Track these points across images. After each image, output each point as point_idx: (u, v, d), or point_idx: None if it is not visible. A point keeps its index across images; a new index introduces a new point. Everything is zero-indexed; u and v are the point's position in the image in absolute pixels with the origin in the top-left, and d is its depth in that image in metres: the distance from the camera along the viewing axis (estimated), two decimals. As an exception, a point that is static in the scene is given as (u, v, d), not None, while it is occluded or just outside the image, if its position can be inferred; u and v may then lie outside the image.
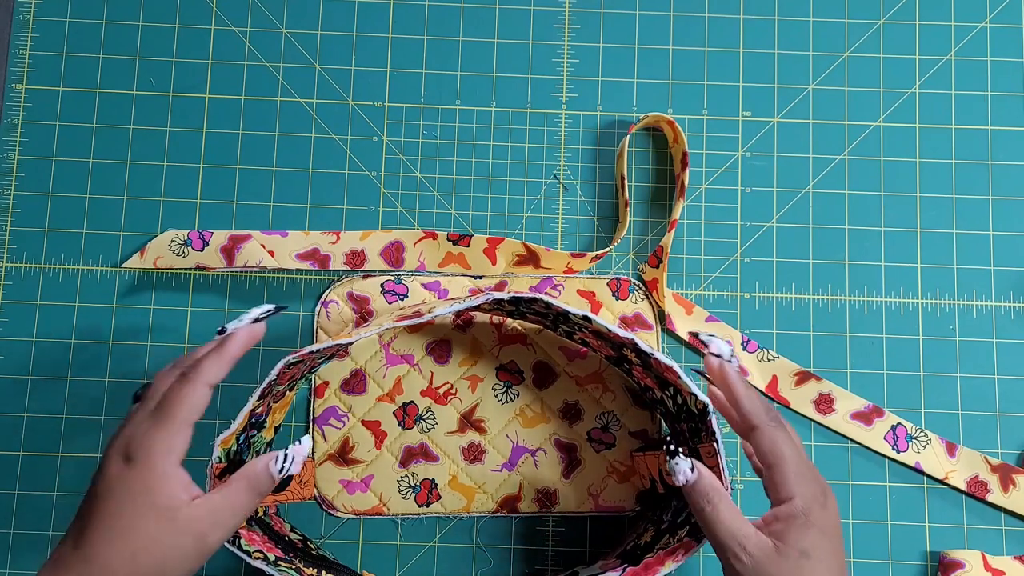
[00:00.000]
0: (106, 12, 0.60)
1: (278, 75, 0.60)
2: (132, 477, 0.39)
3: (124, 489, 0.38)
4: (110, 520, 0.38)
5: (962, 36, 0.61)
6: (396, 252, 0.57)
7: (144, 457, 0.39)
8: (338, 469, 0.55)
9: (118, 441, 0.40)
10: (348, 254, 0.57)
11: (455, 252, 0.57)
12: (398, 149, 0.59)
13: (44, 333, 0.56)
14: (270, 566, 0.44)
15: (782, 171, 0.59)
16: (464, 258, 0.57)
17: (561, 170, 0.59)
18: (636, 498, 0.55)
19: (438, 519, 0.55)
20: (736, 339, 0.57)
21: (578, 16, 0.61)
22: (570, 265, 0.57)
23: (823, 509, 0.41)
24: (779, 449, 0.42)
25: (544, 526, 0.56)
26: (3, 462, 0.55)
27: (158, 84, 0.59)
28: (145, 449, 0.39)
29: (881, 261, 0.59)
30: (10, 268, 0.57)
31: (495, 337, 0.57)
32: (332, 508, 0.55)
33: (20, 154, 0.58)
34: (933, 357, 0.58)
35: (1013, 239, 0.59)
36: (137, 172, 0.58)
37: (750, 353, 0.57)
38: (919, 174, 0.59)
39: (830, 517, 0.41)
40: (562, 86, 0.60)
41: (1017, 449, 0.57)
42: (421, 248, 0.57)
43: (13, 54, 0.59)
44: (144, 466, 0.39)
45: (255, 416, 0.47)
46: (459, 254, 0.57)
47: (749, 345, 0.57)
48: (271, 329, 0.57)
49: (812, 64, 0.60)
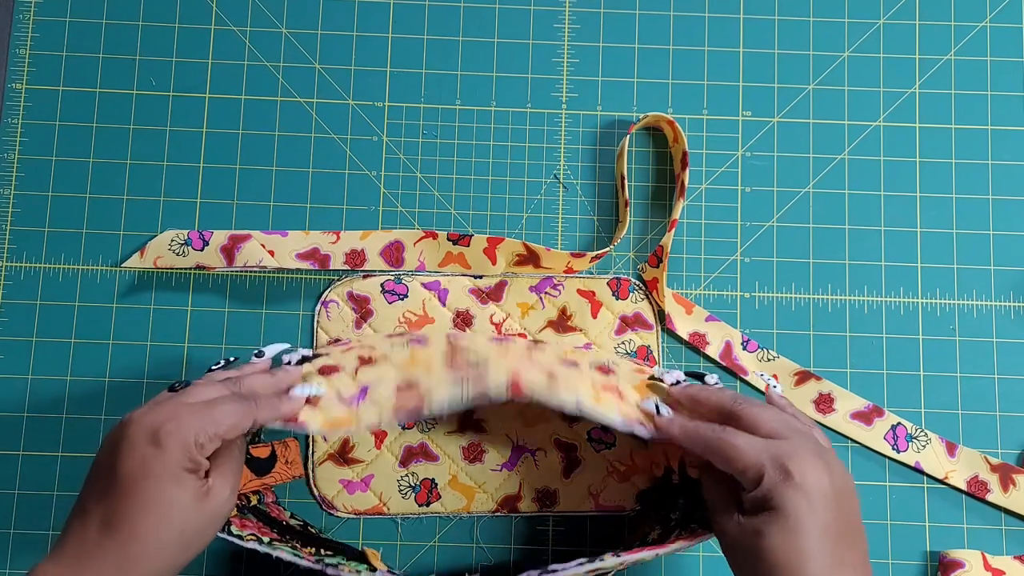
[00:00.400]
0: (106, 12, 0.60)
1: (278, 75, 0.60)
2: (163, 463, 0.38)
3: (163, 472, 0.38)
4: (152, 505, 0.38)
5: (962, 36, 0.61)
6: (396, 252, 0.57)
7: (176, 446, 0.39)
8: (338, 469, 0.55)
9: (144, 420, 0.39)
10: (348, 254, 0.57)
11: (455, 252, 0.57)
12: (398, 149, 0.59)
13: (44, 333, 0.56)
14: (264, 546, 0.44)
15: (782, 171, 0.59)
16: (464, 258, 0.57)
17: (561, 170, 0.59)
18: (636, 497, 0.55)
19: (438, 519, 0.55)
20: (736, 339, 0.57)
21: (578, 16, 0.61)
22: (570, 265, 0.57)
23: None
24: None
25: (544, 526, 0.56)
26: (3, 462, 0.55)
27: (158, 84, 0.59)
28: (178, 439, 0.39)
29: (881, 261, 0.59)
30: (10, 268, 0.57)
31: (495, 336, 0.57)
32: (332, 508, 0.55)
33: (20, 154, 0.58)
34: (933, 357, 0.58)
35: (1013, 239, 0.59)
36: (137, 172, 0.58)
37: (750, 353, 0.57)
38: (919, 174, 0.59)
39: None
40: (562, 86, 0.60)
41: (1017, 449, 0.57)
42: (421, 248, 0.57)
43: (13, 54, 0.59)
44: (176, 454, 0.39)
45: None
46: (459, 254, 0.57)
47: (749, 345, 0.57)
48: (271, 330, 0.57)
49: (812, 64, 0.60)
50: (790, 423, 0.43)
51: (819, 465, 0.40)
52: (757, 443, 0.41)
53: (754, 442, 0.41)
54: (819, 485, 0.39)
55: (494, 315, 0.57)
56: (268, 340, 0.57)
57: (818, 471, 0.39)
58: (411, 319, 0.57)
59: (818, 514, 0.39)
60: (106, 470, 0.39)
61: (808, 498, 0.39)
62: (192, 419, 0.39)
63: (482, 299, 0.57)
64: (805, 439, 0.42)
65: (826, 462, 0.40)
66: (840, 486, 0.40)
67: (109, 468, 0.39)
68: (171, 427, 0.39)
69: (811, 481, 0.39)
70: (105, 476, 0.39)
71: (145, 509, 0.38)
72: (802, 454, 0.40)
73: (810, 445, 0.41)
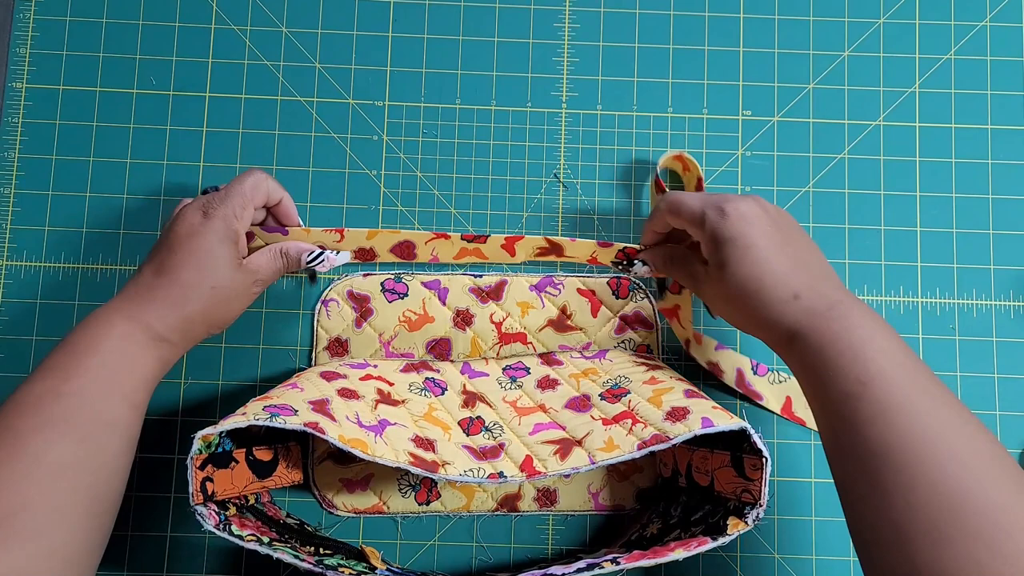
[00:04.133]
0: (106, 11, 0.60)
1: (278, 74, 0.60)
2: (212, 228, 0.48)
3: (206, 233, 0.48)
4: (194, 256, 0.47)
5: (962, 35, 0.61)
6: (407, 248, 0.57)
7: (223, 216, 0.48)
8: (338, 468, 0.55)
9: (194, 204, 0.49)
10: (356, 252, 0.56)
11: (470, 247, 0.57)
12: (398, 148, 0.59)
13: (44, 332, 0.56)
14: (264, 546, 0.44)
15: (782, 170, 0.59)
16: (481, 252, 0.57)
17: (561, 169, 0.59)
18: (635, 497, 0.55)
19: (438, 518, 0.55)
20: (746, 365, 0.56)
21: (578, 16, 0.61)
22: (595, 255, 0.56)
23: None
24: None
25: (544, 525, 0.56)
26: (3, 461, 0.55)
27: (158, 83, 0.59)
28: (223, 213, 0.48)
29: (881, 260, 0.59)
30: (10, 267, 0.57)
31: (495, 335, 0.57)
32: (332, 507, 0.55)
33: (20, 153, 0.58)
34: (933, 356, 0.58)
35: (1013, 238, 0.59)
36: (137, 172, 0.58)
37: (760, 376, 0.56)
38: (919, 173, 0.60)
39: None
40: (562, 85, 0.60)
41: (1017, 449, 0.57)
42: (433, 245, 0.57)
43: (13, 53, 0.59)
44: (222, 222, 0.48)
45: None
46: (475, 249, 0.57)
47: (759, 369, 0.56)
48: (271, 329, 0.57)
49: (812, 63, 0.60)
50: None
51: (748, 199, 0.47)
52: (695, 197, 0.49)
53: (693, 197, 0.49)
54: (753, 211, 0.46)
55: (494, 314, 0.57)
56: (268, 340, 0.57)
57: (748, 202, 0.47)
58: (411, 318, 0.57)
59: (760, 229, 0.46)
60: (164, 235, 0.49)
61: (747, 221, 0.46)
62: (232, 199, 0.49)
63: (482, 298, 0.57)
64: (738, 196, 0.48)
65: (755, 199, 0.47)
66: (772, 210, 0.47)
67: (166, 233, 0.49)
68: (216, 202, 0.48)
69: (744, 210, 0.46)
70: (163, 239, 0.49)
71: (188, 260, 0.47)
72: (731, 198, 0.47)
73: (734, 195, 0.48)
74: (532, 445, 0.49)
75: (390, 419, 0.49)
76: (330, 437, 0.43)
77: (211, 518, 0.44)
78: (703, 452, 0.49)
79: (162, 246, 0.48)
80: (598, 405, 0.50)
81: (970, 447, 0.37)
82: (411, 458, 0.46)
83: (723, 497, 0.48)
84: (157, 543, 0.54)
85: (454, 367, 0.56)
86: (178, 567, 0.54)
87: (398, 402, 0.51)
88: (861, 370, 0.40)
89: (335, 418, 0.46)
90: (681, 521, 0.49)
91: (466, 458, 0.48)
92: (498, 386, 0.54)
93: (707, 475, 0.49)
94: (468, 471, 0.46)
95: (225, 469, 0.47)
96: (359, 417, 0.47)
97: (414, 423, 0.50)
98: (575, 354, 0.56)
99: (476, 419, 0.52)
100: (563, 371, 0.54)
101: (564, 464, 0.47)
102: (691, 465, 0.51)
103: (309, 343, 0.57)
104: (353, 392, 0.50)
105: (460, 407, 0.53)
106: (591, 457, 0.46)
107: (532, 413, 0.51)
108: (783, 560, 0.55)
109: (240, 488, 0.48)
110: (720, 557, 0.55)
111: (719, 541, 0.44)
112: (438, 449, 0.48)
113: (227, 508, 0.48)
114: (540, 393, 0.53)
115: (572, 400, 0.52)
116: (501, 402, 0.53)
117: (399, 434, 0.48)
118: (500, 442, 0.50)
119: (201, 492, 0.45)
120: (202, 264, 0.47)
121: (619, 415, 0.48)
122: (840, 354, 0.41)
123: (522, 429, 0.50)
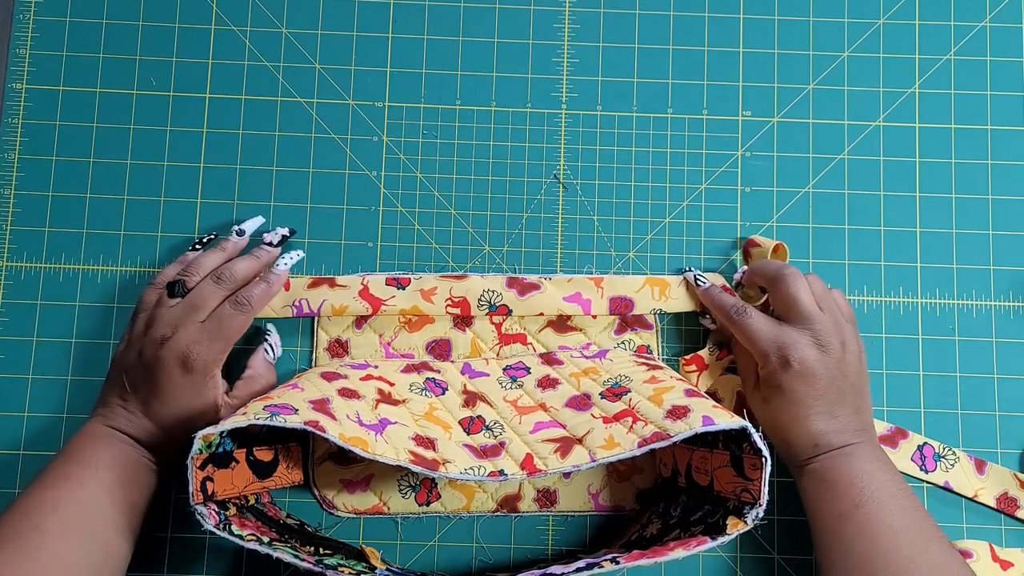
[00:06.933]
0: (106, 12, 0.60)
1: (278, 75, 0.60)
2: (192, 382, 0.49)
3: (186, 387, 0.49)
4: (175, 407, 0.50)
5: (962, 36, 0.61)
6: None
7: (203, 369, 0.50)
8: (338, 468, 0.55)
9: (174, 347, 0.49)
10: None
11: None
12: (398, 149, 0.59)
13: (44, 333, 0.56)
14: (264, 546, 0.44)
15: (782, 171, 0.59)
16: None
17: (561, 170, 0.59)
18: (635, 497, 0.55)
19: (438, 518, 0.55)
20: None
21: (578, 16, 0.61)
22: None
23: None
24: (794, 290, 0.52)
25: (544, 526, 0.56)
26: (3, 462, 0.55)
27: (158, 84, 0.59)
28: (203, 363, 0.49)
29: (881, 261, 0.59)
30: (10, 268, 0.57)
31: (495, 336, 0.57)
32: (332, 507, 0.55)
33: (20, 154, 0.58)
34: (933, 357, 0.58)
35: (1013, 239, 0.59)
36: (137, 172, 0.58)
37: None
38: (919, 174, 0.60)
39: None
40: (562, 86, 0.60)
41: (1017, 449, 0.57)
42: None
43: (13, 54, 0.59)
44: (202, 376, 0.50)
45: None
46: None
47: None
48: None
49: (812, 64, 0.60)
50: (815, 311, 0.51)
51: (813, 355, 0.50)
52: (768, 331, 0.51)
53: (765, 330, 0.51)
54: (817, 369, 0.49)
55: (493, 315, 0.57)
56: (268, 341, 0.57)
57: (811, 360, 0.50)
58: (411, 319, 0.57)
59: (815, 392, 0.49)
60: (145, 373, 0.50)
61: (804, 380, 0.49)
62: (212, 344, 0.50)
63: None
64: (815, 324, 0.50)
65: (821, 348, 0.50)
66: (831, 367, 0.50)
67: (148, 373, 0.50)
68: (195, 354, 0.49)
69: (809, 364, 0.49)
70: (145, 379, 0.50)
71: (173, 410, 0.50)
72: (801, 345, 0.50)
73: (806, 339, 0.50)
74: (533, 443, 0.49)
75: (391, 418, 0.49)
76: (330, 435, 0.44)
77: (211, 518, 0.44)
78: (703, 452, 0.49)
79: (145, 385, 0.50)
80: (598, 404, 0.50)
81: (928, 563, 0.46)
82: (411, 456, 0.46)
83: (723, 497, 0.48)
84: (157, 543, 0.54)
85: (454, 367, 0.56)
86: (178, 567, 0.54)
87: (399, 402, 0.51)
88: (856, 494, 0.47)
89: (335, 417, 0.46)
90: (681, 521, 0.49)
91: (467, 456, 0.48)
92: (498, 386, 0.54)
93: (707, 475, 0.49)
94: (469, 469, 0.47)
95: (225, 469, 0.47)
96: (360, 416, 0.47)
97: (415, 422, 0.50)
98: (575, 354, 0.56)
99: (477, 418, 0.52)
100: (563, 370, 0.54)
101: (565, 462, 0.47)
102: (691, 465, 0.51)
103: (309, 344, 0.57)
104: (354, 392, 0.50)
105: (461, 407, 0.53)
106: (592, 455, 0.46)
107: (533, 412, 0.52)
108: (783, 560, 0.55)
109: (240, 488, 0.48)
110: (720, 557, 0.55)
111: (719, 541, 0.44)
112: (439, 448, 0.48)
113: (227, 508, 0.48)
114: (540, 392, 0.53)
115: (572, 399, 0.52)
116: (502, 401, 0.53)
117: (400, 433, 0.48)
118: (501, 441, 0.50)
119: (201, 492, 0.45)
120: (181, 412, 0.50)
121: (620, 413, 0.49)
122: (838, 480, 0.48)
123: (523, 428, 0.50)
